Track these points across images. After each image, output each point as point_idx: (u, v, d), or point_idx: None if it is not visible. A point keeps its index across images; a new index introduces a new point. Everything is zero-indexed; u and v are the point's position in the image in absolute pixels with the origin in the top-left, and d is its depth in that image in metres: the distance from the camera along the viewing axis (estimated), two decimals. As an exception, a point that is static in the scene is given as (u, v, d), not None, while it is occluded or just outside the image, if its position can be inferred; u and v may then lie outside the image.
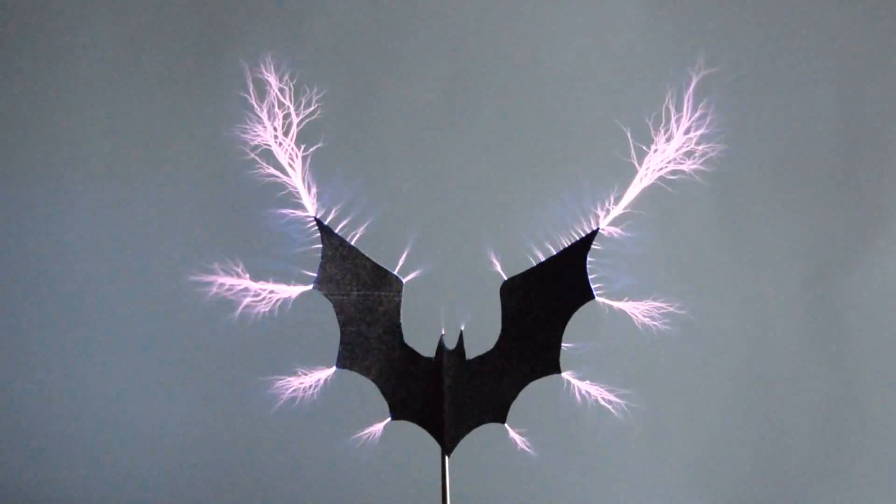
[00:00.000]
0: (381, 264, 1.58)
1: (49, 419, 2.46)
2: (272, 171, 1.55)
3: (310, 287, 1.56)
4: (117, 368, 2.46)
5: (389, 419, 1.61)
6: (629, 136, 1.56)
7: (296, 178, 1.55)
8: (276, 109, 1.55)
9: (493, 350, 1.60)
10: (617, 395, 1.58)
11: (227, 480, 2.44)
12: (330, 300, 1.57)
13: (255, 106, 1.55)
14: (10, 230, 2.47)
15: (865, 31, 2.43)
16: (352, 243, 1.57)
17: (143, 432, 2.45)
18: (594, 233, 1.56)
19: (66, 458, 2.45)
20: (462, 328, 1.61)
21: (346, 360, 1.59)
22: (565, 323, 1.59)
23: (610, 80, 2.44)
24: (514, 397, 1.61)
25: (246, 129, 1.55)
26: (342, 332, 1.58)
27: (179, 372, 2.45)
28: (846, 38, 2.43)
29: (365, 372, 1.60)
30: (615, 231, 1.55)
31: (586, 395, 1.57)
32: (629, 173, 1.56)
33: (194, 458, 2.44)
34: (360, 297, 1.58)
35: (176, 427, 2.45)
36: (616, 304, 1.56)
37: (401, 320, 1.59)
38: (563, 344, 1.59)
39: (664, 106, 1.55)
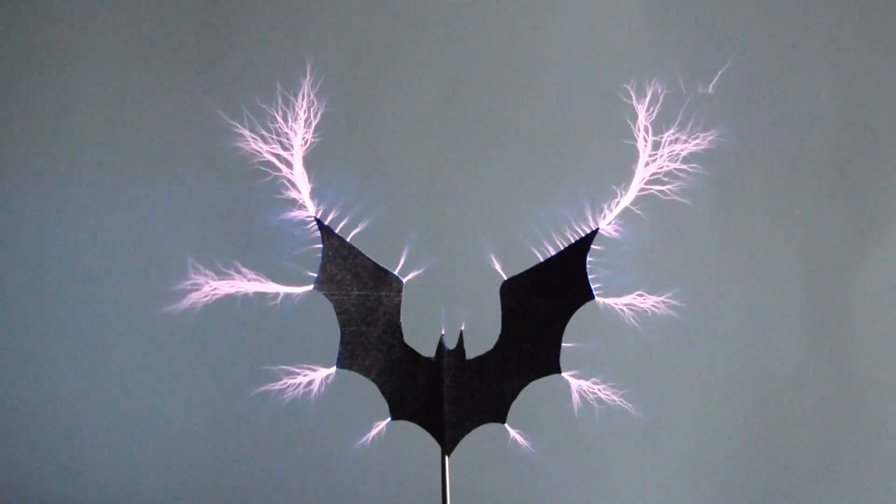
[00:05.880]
0: (381, 264, 1.58)
1: (48, 419, 2.46)
2: (272, 171, 1.55)
3: (310, 287, 1.56)
4: (117, 369, 2.46)
5: (389, 419, 1.61)
6: (629, 135, 1.56)
7: (296, 178, 1.55)
8: (277, 110, 1.55)
9: (493, 350, 1.60)
10: (617, 395, 1.58)
11: (228, 480, 2.44)
12: (330, 300, 1.57)
13: (255, 106, 1.55)
14: (9, 230, 2.47)
15: (865, 31, 2.43)
16: (352, 243, 1.57)
17: (143, 432, 2.45)
18: (594, 233, 1.56)
19: (65, 458, 2.45)
20: (462, 328, 1.61)
21: (347, 360, 1.59)
22: (565, 323, 1.59)
23: (609, 80, 2.43)
24: (514, 397, 1.61)
25: (246, 129, 1.55)
26: (342, 332, 1.58)
27: (179, 372, 2.45)
28: (846, 38, 2.43)
29: (365, 372, 1.60)
30: (615, 231, 1.55)
31: (586, 396, 1.57)
32: (629, 173, 1.56)
33: (194, 458, 2.44)
34: (360, 297, 1.58)
35: (176, 427, 2.45)
36: (616, 304, 1.56)
37: (401, 320, 1.59)
38: (563, 344, 1.59)
39: (663, 104, 1.56)
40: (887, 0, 2.43)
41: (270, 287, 1.53)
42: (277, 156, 1.55)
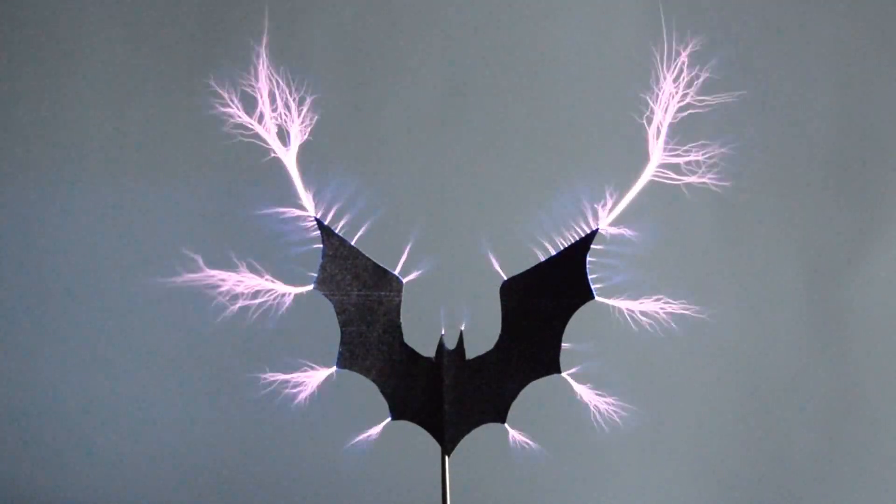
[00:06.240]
0: (381, 264, 1.58)
1: (48, 419, 2.46)
2: (272, 171, 1.55)
3: (310, 287, 1.56)
4: (116, 369, 2.46)
5: (389, 419, 1.61)
6: (630, 135, 1.56)
7: (296, 179, 1.55)
8: (277, 110, 1.55)
9: (493, 350, 1.60)
10: (617, 395, 1.58)
11: (228, 481, 2.44)
12: (330, 300, 1.57)
13: (255, 106, 1.55)
14: (10, 230, 2.48)
15: (865, 32, 2.43)
16: (352, 243, 1.57)
17: (142, 432, 2.45)
18: (594, 233, 1.56)
19: (64, 457, 2.45)
20: (462, 328, 1.61)
21: (347, 360, 1.59)
22: (565, 323, 1.59)
23: (609, 81, 2.44)
24: (514, 397, 1.61)
25: (246, 129, 1.55)
26: (342, 333, 1.58)
27: (179, 372, 2.45)
28: (846, 38, 2.43)
29: (365, 372, 1.60)
30: (615, 231, 1.55)
31: (586, 396, 1.57)
32: (629, 173, 1.56)
33: (194, 458, 2.44)
34: (361, 297, 1.58)
35: (176, 427, 2.45)
36: (616, 304, 1.56)
37: (401, 320, 1.59)
38: (563, 344, 1.59)
39: (662, 105, 1.56)
40: (887, 1, 2.43)
41: (270, 287, 1.54)
42: (278, 155, 1.55)
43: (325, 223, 1.56)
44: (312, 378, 1.56)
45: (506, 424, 1.61)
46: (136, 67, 2.48)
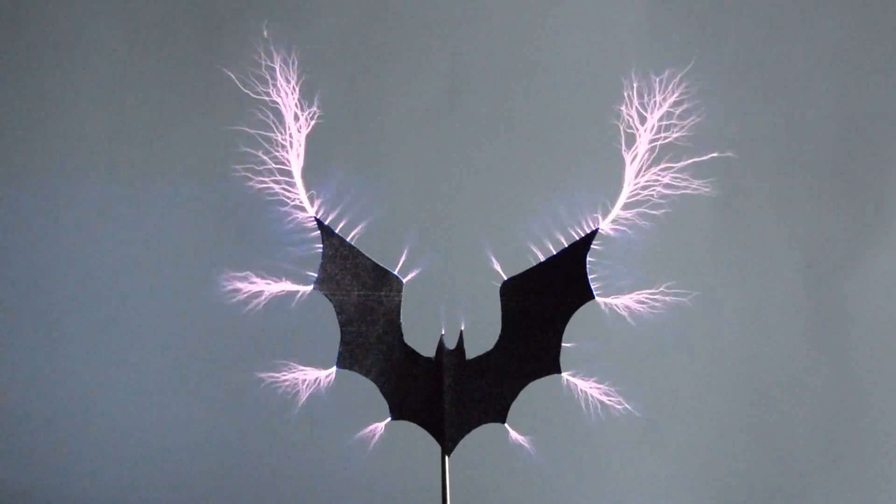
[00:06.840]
0: (381, 264, 1.58)
1: (47, 420, 2.46)
2: (272, 171, 1.55)
3: (310, 287, 1.56)
4: (116, 369, 2.46)
5: (389, 419, 1.61)
6: (629, 134, 1.56)
7: (296, 178, 1.55)
8: (278, 110, 1.55)
9: (493, 350, 1.60)
10: (617, 395, 1.58)
11: (227, 481, 2.44)
12: (330, 300, 1.57)
13: (256, 106, 1.55)
14: (11, 230, 2.48)
15: (865, 32, 2.43)
16: (352, 243, 1.57)
17: (142, 432, 2.45)
18: (594, 232, 1.56)
19: (65, 457, 2.45)
20: (462, 328, 1.61)
21: (347, 360, 1.59)
22: (565, 323, 1.59)
23: (608, 80, 2.43)
24: (514, 397, 1.61)
25: (246, 129, 1.55)
26: (342, 332, 1.58)
27: (179, 372, 2.45)
28: (846, 38, 2.43)
29: (365, 372, 1.60)
30: (615, 230, 1.55)
31: (586, 395, 1.57)
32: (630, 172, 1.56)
33: (194, 458, 2.44)
34: (361, 297, 1.58)
35: (175, 427, 2.45)
36: (616, 304, 1.56)
37: (401, 320, 1.59)
38: (563, 344, 1.59)
39: (660, 106, 1.56)
40: (887, 1, 2.43)
41: (270, 287, 1.53)
42: (276, 156, 1.55)
43: (325, 223, 1.56)
44: (312, 378, 1.56)
45: (506, 424, 1.61)
46: (136, 67, 2.48)
